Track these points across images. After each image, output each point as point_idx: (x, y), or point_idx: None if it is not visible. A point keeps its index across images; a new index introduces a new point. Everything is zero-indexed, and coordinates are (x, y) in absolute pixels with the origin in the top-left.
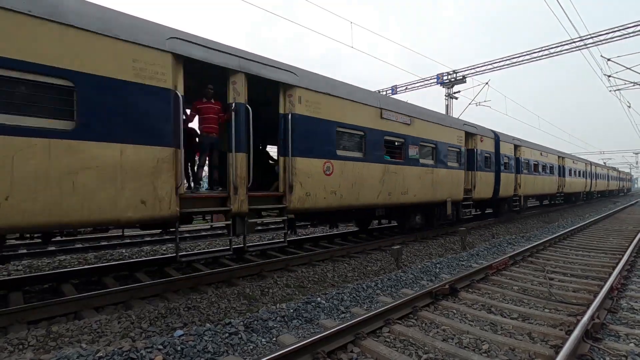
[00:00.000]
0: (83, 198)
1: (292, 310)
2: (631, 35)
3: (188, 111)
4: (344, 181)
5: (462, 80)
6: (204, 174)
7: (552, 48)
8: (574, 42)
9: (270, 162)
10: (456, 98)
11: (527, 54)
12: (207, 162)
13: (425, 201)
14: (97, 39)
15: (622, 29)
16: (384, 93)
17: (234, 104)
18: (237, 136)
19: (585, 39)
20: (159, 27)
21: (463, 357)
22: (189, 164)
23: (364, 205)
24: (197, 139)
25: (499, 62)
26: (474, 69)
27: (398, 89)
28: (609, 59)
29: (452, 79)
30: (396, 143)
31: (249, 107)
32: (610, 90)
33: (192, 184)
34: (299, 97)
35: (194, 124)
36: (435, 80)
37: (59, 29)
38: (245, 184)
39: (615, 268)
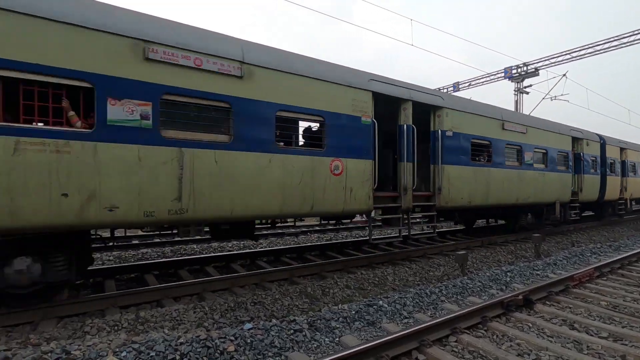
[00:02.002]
0: None
1: (354, 312)
2: None
3: None
4: None
5: (535, 73)
6: None
7: None
8: None
9: None
10: (527, 93)
11: (616, 39)
12: None
13: None
14: None
15: None
16: (445, 91)
17: None
18: None
19: None
20: None
21: None
22: None
23: None
24: None
25: (579, 50)
26: (548, 60)
27: (460, 86)
28: None
29: (523, 72)
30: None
31: None
32: None
33: None
34: None
35: None
36: (503, 74)
37: None
38: None
39: None
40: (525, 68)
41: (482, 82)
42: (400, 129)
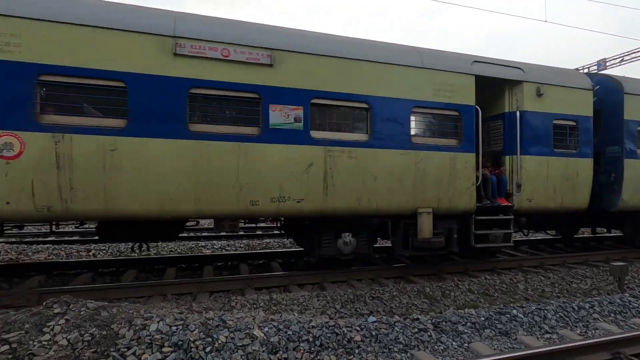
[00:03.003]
0: None
1: (483, 318)
2: None
3: None
4: None
5: None
6: None
7: None
8: None
9: None
10: None
11: None
12: None
13: None
14: None
15: None
16: (587, 70)
17: None
18: None
19: None
20: None
21: None
22: None
23: None
24: None
25: None
26: None
27: (608, 63)
28: None
29: None
30: None
31: None
32: None
33: None
34: None
35: None
36: None
37: None
38: None
39: None
40: None
41: None
42: None
